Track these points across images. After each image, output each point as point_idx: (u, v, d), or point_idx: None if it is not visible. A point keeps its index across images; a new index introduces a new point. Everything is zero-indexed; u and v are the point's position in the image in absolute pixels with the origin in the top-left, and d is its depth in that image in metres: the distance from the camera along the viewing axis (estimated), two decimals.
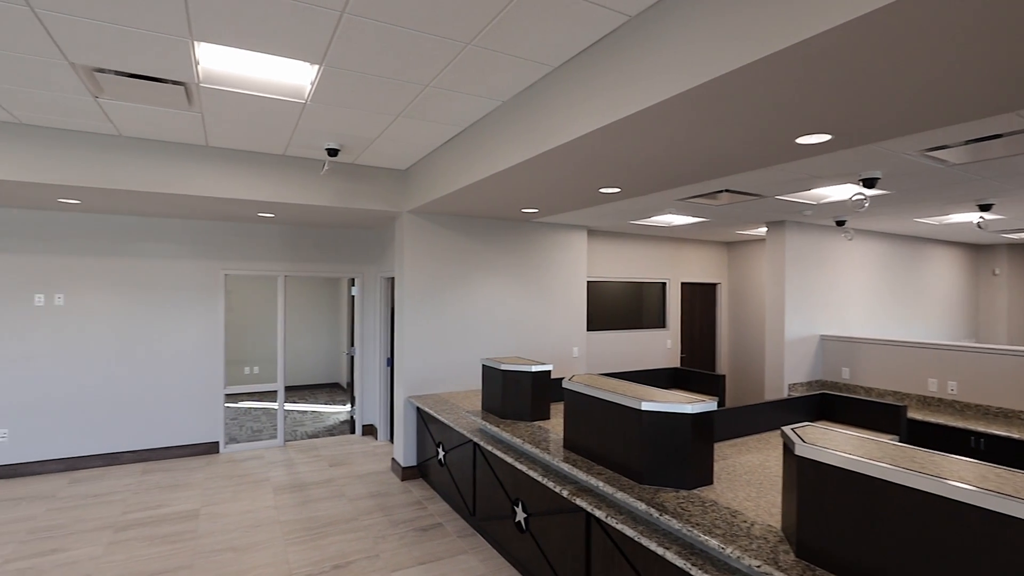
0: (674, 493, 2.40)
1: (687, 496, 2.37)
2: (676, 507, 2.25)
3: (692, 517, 2.16)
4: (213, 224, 5.71)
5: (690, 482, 2.45)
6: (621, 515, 2.42)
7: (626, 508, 2.50)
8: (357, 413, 6.49)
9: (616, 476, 2.60)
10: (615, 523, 2.36)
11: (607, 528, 2.54)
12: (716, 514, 2.20)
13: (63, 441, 5.11)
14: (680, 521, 2.12)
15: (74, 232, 5.15)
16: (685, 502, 2.30)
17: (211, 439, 5.71)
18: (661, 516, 2.19)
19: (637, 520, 2.37)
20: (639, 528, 2.29)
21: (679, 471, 2.44)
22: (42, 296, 5.03)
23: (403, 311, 5.02)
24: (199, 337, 5.64)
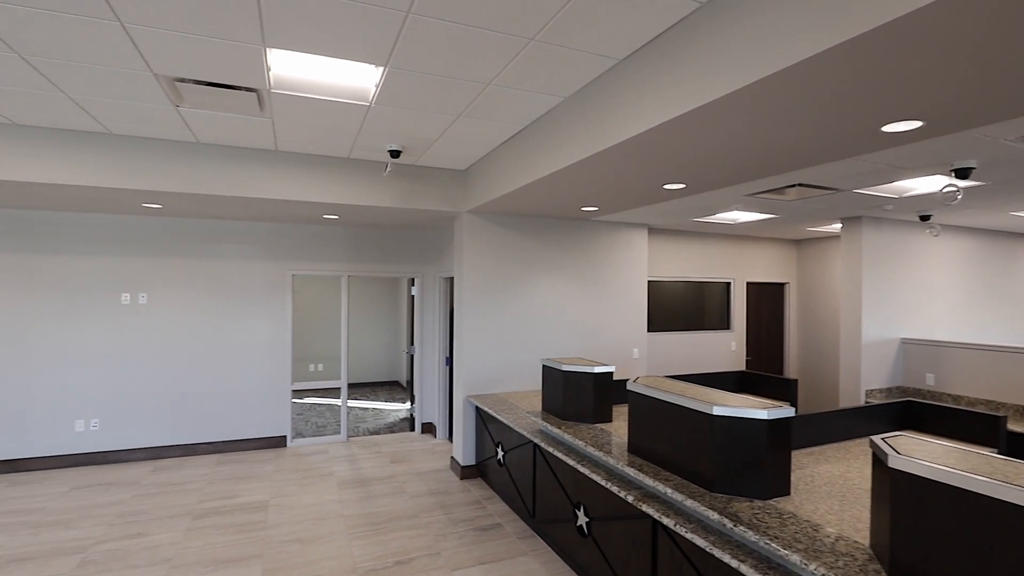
0: (748, 503, 2.27)
1: (762, 507, 2.23)
2: (751, 518, 2.12)
3: (770, 529, 2.03)
4: (282, 226, 5.96)
5: (765, 492, 2.31)
6: (691, 524, 2.31)
7: (696, 517, 2.39)
8: (416, 411, 6.60)
9: (684, 483, 2.49)
10: (684, 532, 2.26)
11: (675, 537, 2.44)
12: (796, 527, 2.06)
13: (146, 431, 5.47)
14: (757, 533, 2.00)
15: (156, 235, 5.50)
16: (761, 513, 2.17)
17: (279, 433, 5.96)
18: (735, 527, 2.07)
19: (708, 530, 2.25)
20: (710, 538, 2.18)
21: (754, 480, 2.31)
22: (128, 295, 5.41)
23: (462, 311, 5.06)
24: (268, 335, 5.90)
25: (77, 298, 5.24)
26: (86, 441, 5.28)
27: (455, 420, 5.23)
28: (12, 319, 5.06)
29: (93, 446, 5.30)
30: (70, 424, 5.23)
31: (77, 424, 5.25)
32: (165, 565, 3.44)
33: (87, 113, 3.50)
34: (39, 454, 5.14)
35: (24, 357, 5.09)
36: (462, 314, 5.05)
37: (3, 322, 5.03)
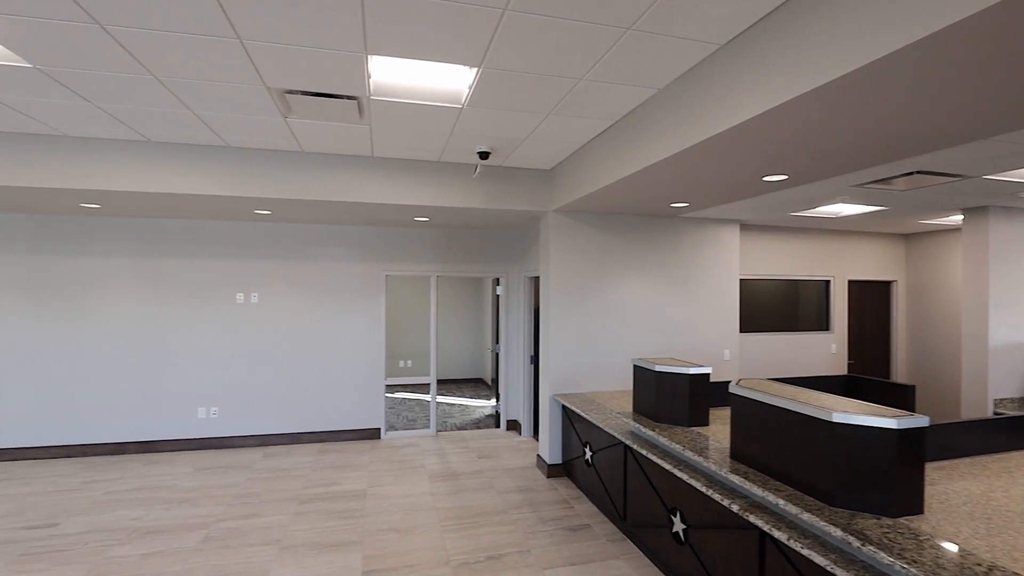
0: (875, 520, 2.06)
1: (892, 525, 2.02)
2: (881, 537, 1.92)
3: (906, 552, 1.83)
4: (376, 229, 6.24)
5: (894, 509, 2.09)
6: (806, 539, 2.14)
7: (812, 532, 2.21)
8: (502, 408, 6.68)
9: (797, 494, 2.31)
10: (800, 547, 2.10)
11: (787, 552, 2.27)
12: (937, 552, 1.84)
13: (258, 420, 5.93)
14: (891, 555, 1.81)
15: (266, 240, 5.95)
16: (892, 532, 1.97)
17: (374, 425, 6.25)
18: (863, 546, 1.89)
19: (828, 547, 2.08)
20: (831, 556, 2.00)
21: (881, 495, 2.09)
22: (242, 295, 5.89)
23: (548, 310, 5.04)
24: (364, 332, 6.21)
25: (199, 298, 5.79)
26: (207, 427, 5.82)
27: (541, 418, 5.23)
28: (147, 317, 5.67)
29: (213, 432, 5.83)
30: (194, 411, 5.78)
31: (200, 411, 5.80)
32: (276, 546, 3.70)
33: (209, 128, 3.84)
34: (168, 437, 5.73)
35: (157, 351, 5.69)
36: (548, 313, 5.04)
37: (139, 319, 5.66)
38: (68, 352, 5.51)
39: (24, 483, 4.83)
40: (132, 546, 3.69)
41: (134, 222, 5.64)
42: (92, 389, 5.56)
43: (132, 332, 5.65)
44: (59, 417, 5.50)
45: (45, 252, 5.46)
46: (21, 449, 5.42)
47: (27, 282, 5.42)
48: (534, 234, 6.10)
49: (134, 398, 5.65)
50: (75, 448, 5.53)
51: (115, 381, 5.61)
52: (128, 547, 3.67)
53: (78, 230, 5.53)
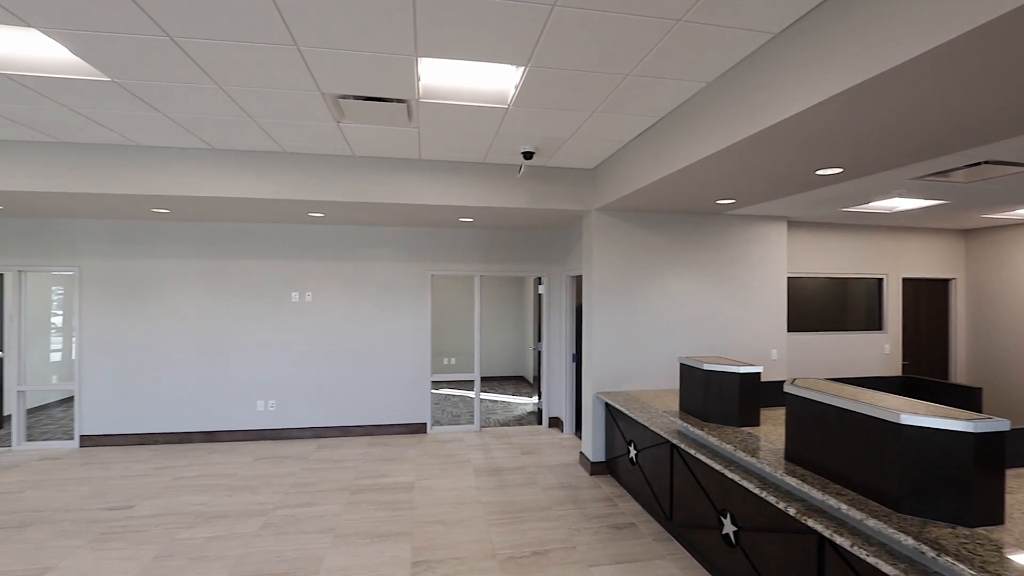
0: (950, 529, 1.97)
1: (970, 536, 1.92)
2: (959, 548, 1.83)
3: (989, 565, 1.73)
4: (422, 231, 6.37)
5: (971, 518, 1.98)
6: (871, 546, 2.07)
7: (878, 539, 2.13)
8: (544, 405, 6.69)
9: (861, 499, 2.23)
10: (865, 555, 2.02)
11: (850, 559, 2.19)
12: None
13: (311, 413, 6.16)
14: (972, 568, 1.71)
15: (319, 241, 6.17)
16: (971, 543, 1.87)
17: (420, 420, 6.38)
18: (939, 557, 1.80)
19: (896, 556, 1.99)
20: (900, 566, 1.92)
21: (957, 503, 1.99)
22: (297, 294, 6.13)
23: (591, 308, 5.02)
24: (411, 330, 6.35)
25: (257, 297, 6.06)
26: (265, 419, 6.08)
27: (583, 416, 5.21)
28: (210, 315, 5.98)
29: (270, 424, 6.09)
30: (253, 404, 6.06)
31: (258, 404, 6.07)
32: (330, 534, 3.84)
33: (268, 135, 4.02)
34: (230, 428, 6.03)
35: (220, 347, 6.00)
36: (590, 312, 5.02)
37: (204, 317, 5.97)
38: (142, 348, 5.87)
39: (104, 467, 5.18)
40: (198, 529, 3.90)
41: (199, 226, 5.96)
42: (162, 382, 5.91)
43: (197, 329, 5.96)
44: (134, 408, 5.87)
45: (122, 255, 5.84)
46: (102, 436, 5.82)
47: (107, 282, 5.81)
48: (576, 233, 6.08)
49: (199, 391, 5.97)
50: (148, 436, 5.89)
51: (182, 375, 5.94)
52: (194, 530, 3.89)
53: (149, 234, 5.88)
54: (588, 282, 5.15)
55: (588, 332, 5.14)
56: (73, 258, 5.78)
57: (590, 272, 5.08)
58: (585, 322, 5.24)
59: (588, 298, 5.15)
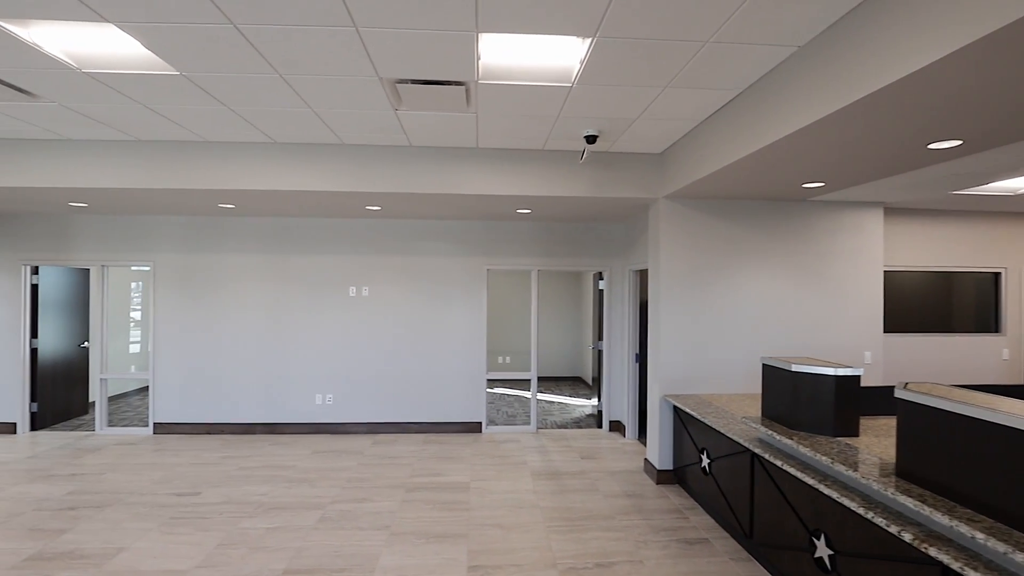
0: None
1: None
2: None
3: None
4: (478, 224, 6.25)
5: None
6: None
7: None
8: (604, 408, 6.41)
9: (1000, 527, 1.85)
10: None
11: None
12: None
13: (368, 408, 6.16)
14: None
15: (375, 236, 6.17)
16: None
17: (475, 419, 6.26)
18: None
19: None
20: None
21: None
22: (354, 289, 6.16)
23: (658, 305, 4.72)
24: (466, 326, 6.24)
25: (316, 291, 6.14)
26: (323, 413, 6.14)
27: (649, 420, 4.91)
28: (272, 309, 6.11)
29: (327, 418, 6.15)
30: (312, 398, 6.14)
31: (317, 398, 6.14)
32: (386, 531, 3.75)
33: (326, 126, 3.99)
34: (290, 420, 6.13)
35: (281, 340, 6.11)
36: (657, 308, 4.71)
37: (266, 311, 6.10)
38: (209, 340, 6.07)
39: (174, 454, 5.37)
40: (259, 519, 3.92)
41: (261, 221, 6.09)
42: (227, 375, 6.09)
43: (260, 323, 6.10)
44: (201, 399, 6.08)
45: (191, 250, 6.06)
46: (173, 424, 6.06)
47: (178, 277, 6.05)
48: (641, 225, 5.77)
49: (261, 384, 6.10)
50: (214, 426, 6.09)
51: (246, 367, 6.09)
52: (255, 520, 3.91)
53: (216, 230, 6.07)
54: (655, 276, 4.84)
55: (654, 330, 4.83)
56: (148, 253, 6.05)
57: (657, 265, 4.77)
58: (651, 319, 4.94)
59: (655, 294, 4.84)
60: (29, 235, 6.00)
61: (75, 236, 6.02)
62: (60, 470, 4.91)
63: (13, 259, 6.00)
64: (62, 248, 6.01)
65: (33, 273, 6.06)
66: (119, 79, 3.18)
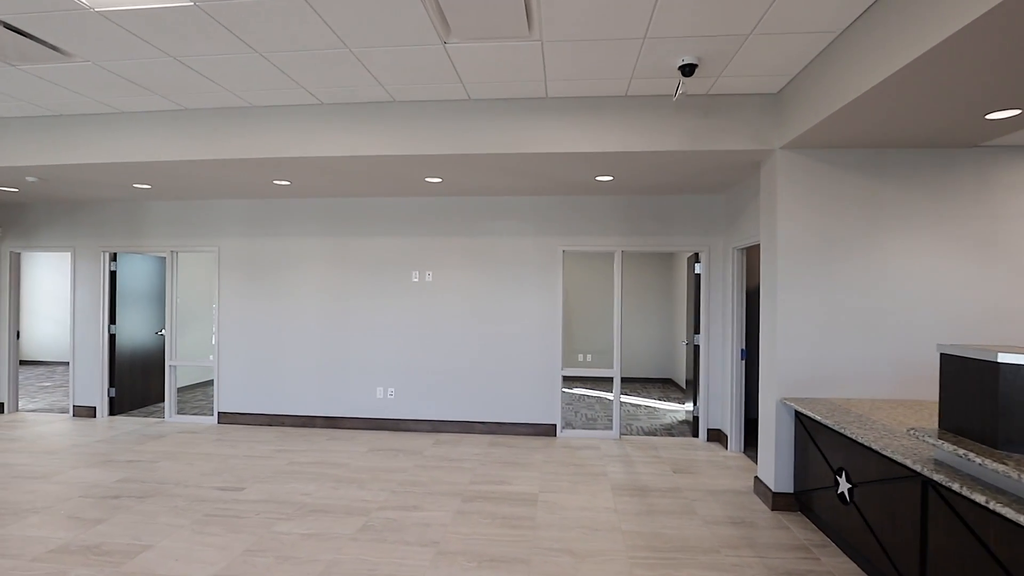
0: None
1: None
2: None
3: None
4: (552, 199, 5.54)
5: None
6: None
7: None
8: (701, 413, 5.44)
9: None
10: None
11: None
12: None
13: (431, 404, 5.64)
14: None
15: (437, 215, 5.65)
16: None
17: (548, 421, 5.53)
18: None
19: None
20: None
21: None
22: (417, 273, 5.67)
23: (774, 287, 3.76)
24: (539, 316, 5.54)
25: (377, 276, 5.72)
26: (383, 407, 5.70)
27: (761, 430, 3.94)
28: (333, 295, 5.77)
29: (388, 413, 5.69)
30: (372, 391, 5.72)
31: (378, 391, 5.71)
32: (432, 548, 3.13)
33: (370, 73, 3.47)
34: (349, 415, 5.75)
35: (342, 329, 5.75)
36: (773, 292, 3.75)
37: (327, 298, 5.77)
38: (271, 328, 5.85)
39: (231, 445, 5.13)
40: (295, 523, 3.46)
41: (320, 203, 5.78)
42: (288, 364, 5.82)
43: (320, 311, 5.78)
44: (262, 389, 5.86)
45: (254, 235, 5.88)
46: (236, 414, 5.89)
47: (241, 263, 5.89)
48: (747, 193, 4.78)
49: (321, 375, 5.78)
50: (275, 418, 5.84)
51: (306, 357, 5.80)
52: (292, 523, 3.45)
53: (276, 213, 5.84)
54: (769, 251, 3.88)
55: (768, 319, 3.87)
56: (214, 239, 5.94)
57: (772, 238, 3.82)
58: (764, 306, 3.98)
59: (769, 274, 3.88)
60: (107, 222, 6.10)
61: (146, 223, 6.03)
62: (120, 456, 4.79)
63: (94, 246, 6.12)
64: (135, 235, 6.05)
65: (112, 260, 6.16)
66: (133, 19, 2.82)
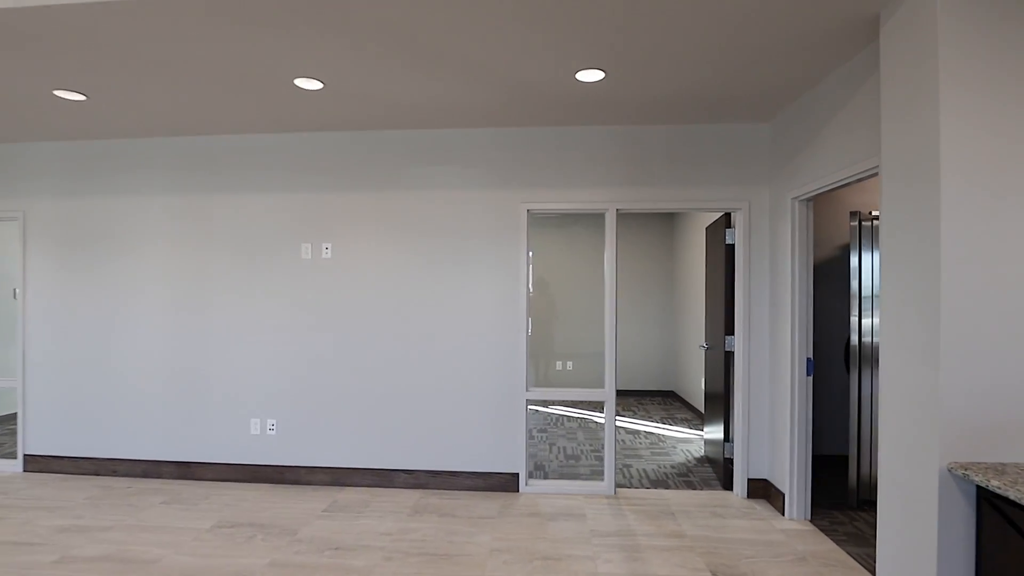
0: None
1: None
2: None
3: None
4: (510, 133, 3.69)
5: None
6: None
7: None
8: (737, 455, 3.63)
9: None
10: None
11: None
12: None
13: (330, 443, 3.75)
14: None
15: (339, 159, 3.76)
16: None
17: (507, 469, 3.68)
18: None
19: None
20: None
21: None
22: (308, 246, 3.78)
23: (931, 244, 1.96)
24: (495, 310, 3.69)
25: (250, 251, 3.82)
26: (262, 449, 3.80)
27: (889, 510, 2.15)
28: (186, 281, 3.85)
29: (268, 456, 3.79)
30: (245, 425, 3.81)
31: (253, 425, 3.81)
32: None
33: None
34: (212, 459, 3.83)
35: (200, 332, 3.84)
36: (922, 255, 1.96)
37: (179, 286, 3.86)
38: (98, 333, 3.92)
39: (13, 512, 3.20)
40: None
41: (164, 144, 3.86)
42: (124, 386, 3.90)
43: (170, 304, 3.87)
44: (87, 422, 3.93)
45: (74, 193, 3.94)
46: (49, 459, 3.95)
47: (56, 236, 3.95)
48: (815, 112, 2.99)
49: (172, 400, 3.86)
50: (103, 463, 3.92)
51: (150, 376, 3.88)
52: None
53: (101, 160, 3.91)
54: (910, 180, 2.09)
55: (910, 312, 2.09)
56: (14, 199, 3.99)
57: (921, 150, 2.02)
58: (891, 288, 2.20)
59: (906, 225, 2.09)
60: None
61: None
62: None
63: None
64: None
65: None
66: None
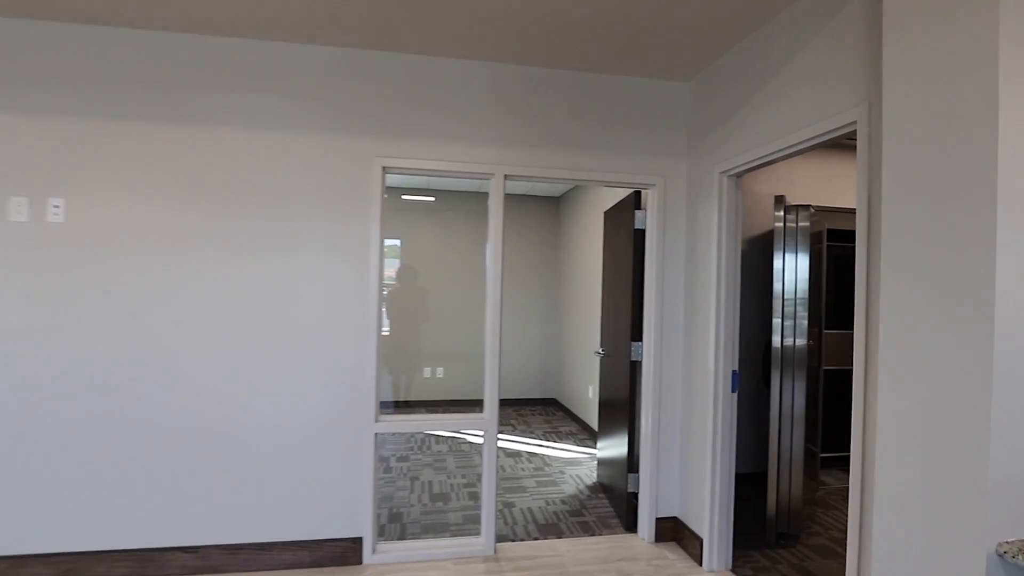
0: None
1: None
2: None
3: None
4: (361, 59, 2.63)
5: None
6: None
7: None
8: (643, 489, 2.97)
9: None
10: None
11: None
12: None
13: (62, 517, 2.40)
14: None
15: (69, 62, 2.42)
16: None
17: (347, 533, 2.63)
18: None
19: None
20: None
21: None
22: (23, 202, 2.37)
23: (969, 237, 1.31)
24: (333, 309, 2.61)
25: None
26: None
27: None
28: None
29: None
30: None
31: None
32: None
33: None
34: None
35: None
36: (926, 249, 1.33)
37: None
38: None
39: None
40: None
41: None
42: None
43: None
44: None
45: None
46: None
47: None
48: (751, 66, 2.40)
49: None
50: None
51: None
52: None
53: None
54: (916, 160, 1.46)
55: (914, 321, 1.45)
56: None
57: (927, 114, 1.39)
58: (891, 287, 1.58)
59: (916, 205, 1.46)
60: None
61: None
62: None
63: None
64: None
65: None
66: None
